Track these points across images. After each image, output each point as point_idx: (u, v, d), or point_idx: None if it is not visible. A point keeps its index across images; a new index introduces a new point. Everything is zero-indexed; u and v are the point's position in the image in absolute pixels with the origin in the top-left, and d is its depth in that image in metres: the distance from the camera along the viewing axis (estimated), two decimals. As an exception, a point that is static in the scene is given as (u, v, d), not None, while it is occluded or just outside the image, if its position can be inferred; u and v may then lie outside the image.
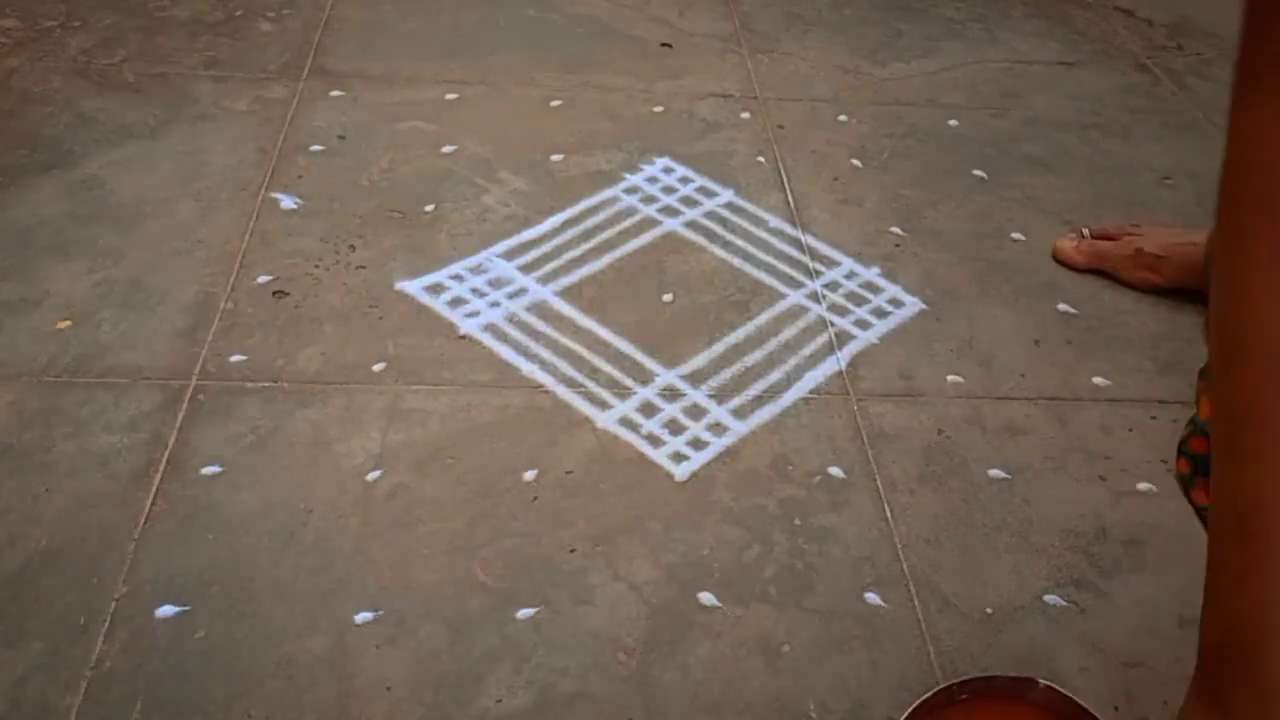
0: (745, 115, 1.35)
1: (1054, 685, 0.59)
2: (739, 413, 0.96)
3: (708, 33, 1.51)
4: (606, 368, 0.99)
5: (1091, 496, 0.92)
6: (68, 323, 0.98)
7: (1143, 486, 0.93)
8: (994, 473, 0.93)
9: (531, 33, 1.47)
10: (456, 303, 1.05)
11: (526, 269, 1.09)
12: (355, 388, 0.95)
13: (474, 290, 1.06)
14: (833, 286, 1.11)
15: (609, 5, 1.55)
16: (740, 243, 1.15)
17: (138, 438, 0.89)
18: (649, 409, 0.96)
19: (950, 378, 1.02)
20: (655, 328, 1.04)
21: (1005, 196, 1.26)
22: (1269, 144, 0.48)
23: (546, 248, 1.12)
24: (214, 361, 0.96)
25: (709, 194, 1.21)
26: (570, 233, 1.14)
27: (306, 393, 0.94)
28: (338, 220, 1.13)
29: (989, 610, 0.83)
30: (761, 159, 1.27)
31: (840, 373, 1.01)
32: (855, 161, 1.28)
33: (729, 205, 1.20)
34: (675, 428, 0.94)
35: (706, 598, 0.81)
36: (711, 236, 1.15)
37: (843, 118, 1.36)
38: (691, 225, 1.16)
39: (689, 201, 1.20)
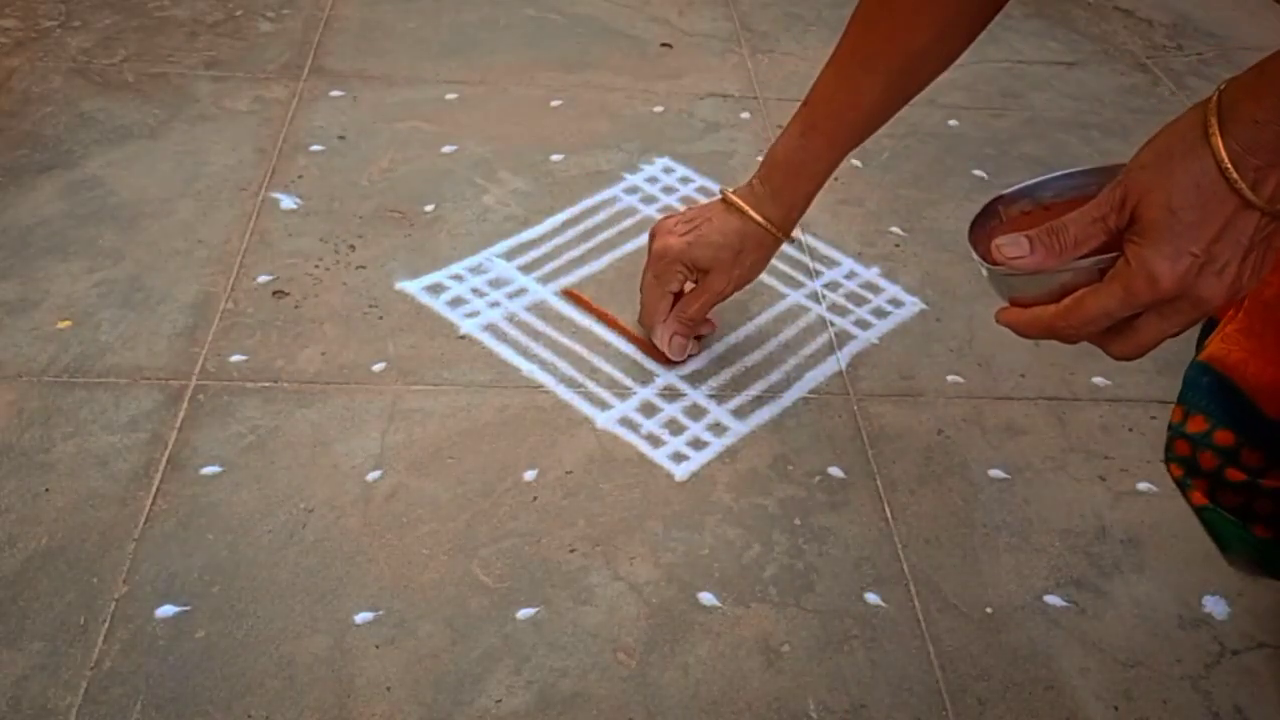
0: (745, 115, 1.35)
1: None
2: (739, 413, 0.96)
3: (708, 33, 1.51)
4: (606, 368, 0.99)
5: (1091, 496, 0.92)
6: (68, 323, 0.98)
7: (1143, 486, 0.93)
8: (994, 473, 0.93)
9: (531, 33, 1.47)
10: (456, 303, 1.05)
11: (526, 269, 1.09)
12: (355, 388, 0.95)
13: (474, 290, 1.06)
14: (833, 286, 1.11)
15: (609, 5, 1.55)
16: (740, 243, 1.15)
17: (138, 438, 0.89)
18: (649, 409, 0.96)
19: (950, 378, 1.02)
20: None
21: (1005, 196, 1.25)
22: None
23: (546, 248, 1.12)
24: (214, 361, 0.96)
25: (709, 194, 1.21)
26: (570, 233, 1.14)
27: (306, 393, 0.94)
28: (338, 220, 1.13)
29: (989, 610, 0.83)
30: (761, 159, 1.27)
31: (840, 373, 1.01)
32: (855, 161, 1.28)
33: (729, 205, 1.19)
34: (675, 428, 0.94)
35: (706, 598, 0.81)
36: (711, 236, 1.15)
37: (843, 118, 1.35)
38: (691, 225, 1.16)
39: (689, 201, 1.20)
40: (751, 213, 0.93)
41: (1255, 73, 0.53)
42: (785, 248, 1.15)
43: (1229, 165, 0.52)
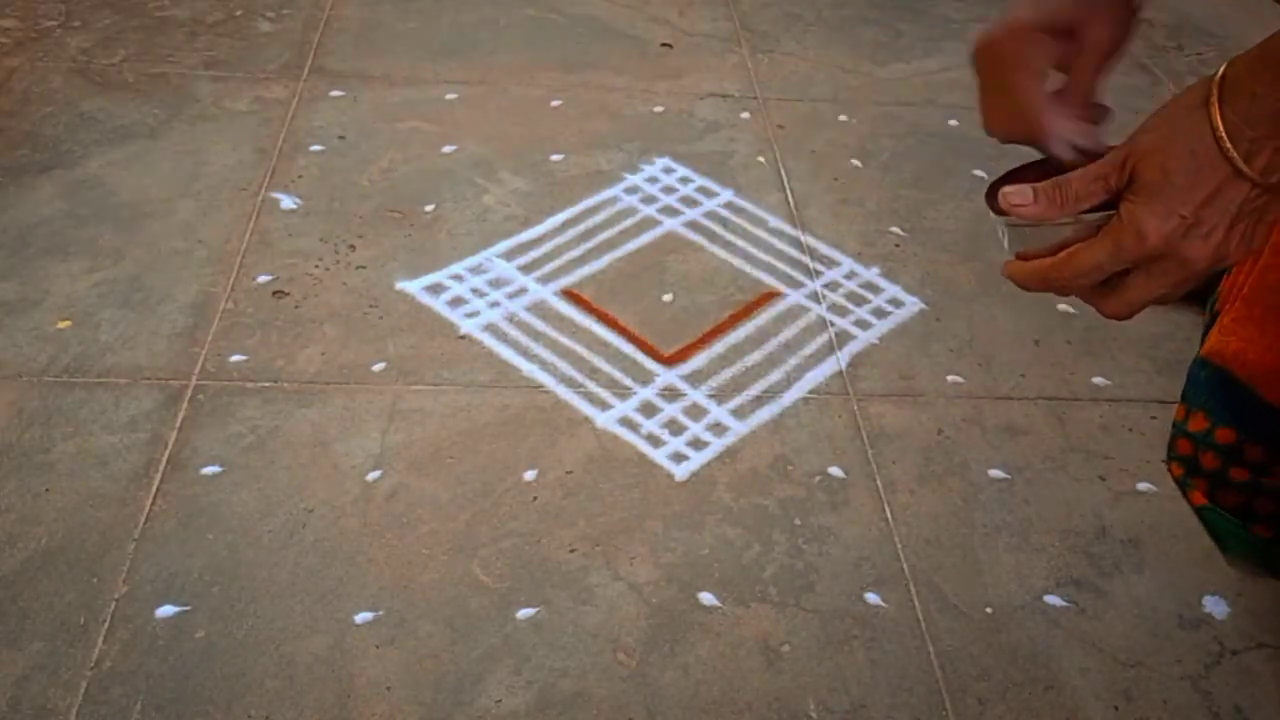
0: (745, 115, 1.35)
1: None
2: (739, 413, 0.96)
3: (708, 33, 1.51)
4: (606, 368, 0.99)
5: (1091, 496, 0.92)
6: (68, 323, 0.98)
7: (1143, 486, 0.93)
8: (994, 473, 0.93)
9: (531, 33, 1.47)
10: (456, 303, 1.05)
11: (526, 269, 1.09)
12: (355, 388, 0.95)
13: (474, 290, 1.06)
14: (833, 286, 1.11)
15: (609, 5, 1.55)
16: (740, 243, 1.15)
17: (138, 438, 0.89)
18: (649, 409, 0.96)
19: (950, 378, 1.02)
20: (655, 327, 1.04)
21: (1005, 196, 1.25)
22: None
23: (546, 248, 1.12)
24: (214, 361, 0.96)
25: (709, 194, 1.21)
26: (570, 233, 1.14)
27: (306, 393, 0.94)
28: (338, 220, 1.13)
29: (989, 610, 0.83)
30: (761, 159, 1.27)
31: (840, 373, 1.01)
32: (855, 161, 1.28)
33: (729, 205, 1.19)
34: (675, 428, 0.94)
35: (706, 598, 0.81)
36: (711, 236, 1.15)
37: (843, 118, 1.36)
38: (691, 225, 1.16)
39: (689, 201, 1.20)
40: None
41: (1258, 49, 0.55)
42: (786, 248, 1.15)
43: (1223, 134, 0.54)
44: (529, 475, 0.89)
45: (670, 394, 0.97)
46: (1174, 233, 0.57)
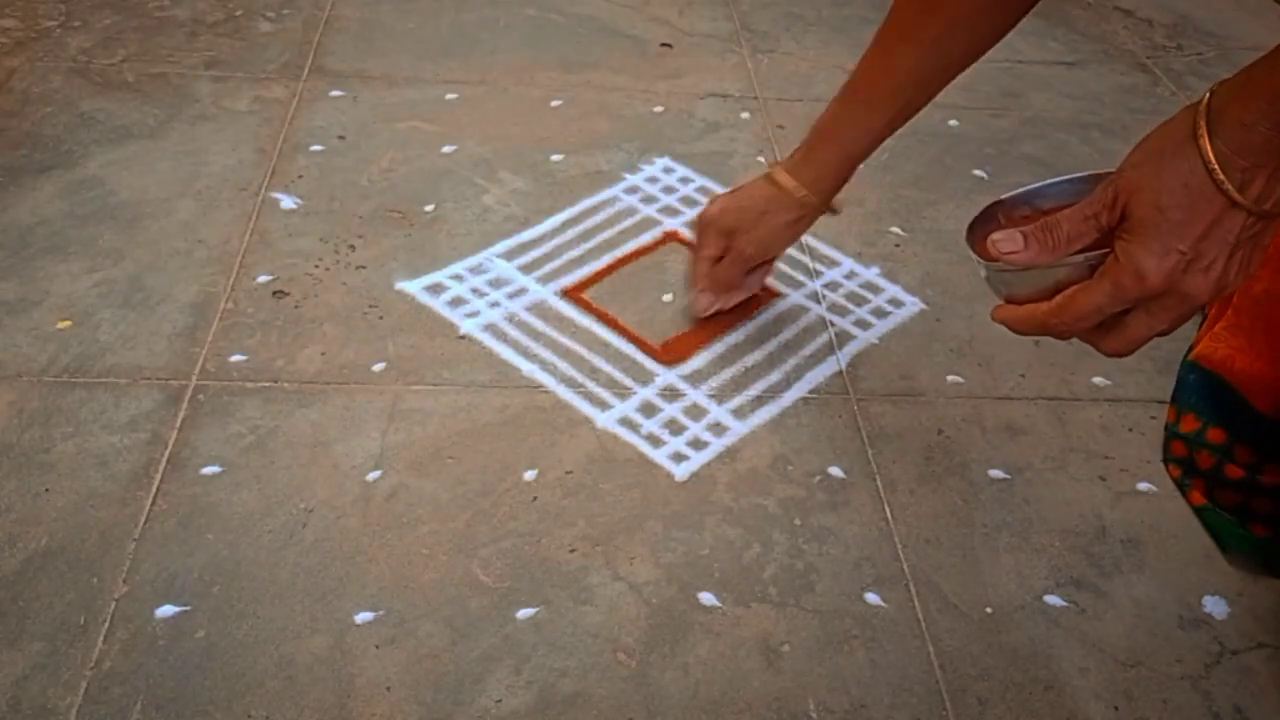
0: (745, 115, 1.35)
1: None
2: (739, 413, 0.96)
3: (708, 33, 1.51)
4: (606, 368, 0.99)
5: (1091, 496, 0.92)
6: (68, 323, 0.98)
7: (1143, 486, 0.93)
8: (994, 473, 0.93)
9: (531, 33, 1.47)
10: (456, 303, 1.05)
11: (526, 269, 1.09)
12: (355, 388, 0.95)
13: (474, 290, 1.06)
14: (833, 286, 1.11)
15: (609, 5, 1.55)
16: (740, 243, 1.15)
17: (138, 438, 0.89)
18: (649, 409, 0.96)
19: (950, 378, 1.02)
20: (655, 328, 1.04)
21: (1005, 196, 1.25)
22: None
23: (546, 248, 1.12)
24: (214, 361, 0.96)
25: (709, 194, 1.21)
26: (570, 233, 1.14)
27: (306, 393, 0.94)
28: (338, 220, 1.13)
29: (989, 610, 0.83)
30: (761, 159, 1.27)
31: (840, 373, 1.01)
32: (855, 161, 1.28)
33: (729, 205, 1.19)
34: (675, 428, 0.94)
35: (706, 598, 0.81)
36: (711, 236, 1.15)
37: (843, 118, 1.35)
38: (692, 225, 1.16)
39: (689, 201, 1.20)
40: (774, 173, 0.94)
41: (1243, 76, 0.54)
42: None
43: (1216, 166, 0.53)
44: (529, 475, 0.89)
45: (670, 394, 0.97)
46: (1174, 269, 0.56)
